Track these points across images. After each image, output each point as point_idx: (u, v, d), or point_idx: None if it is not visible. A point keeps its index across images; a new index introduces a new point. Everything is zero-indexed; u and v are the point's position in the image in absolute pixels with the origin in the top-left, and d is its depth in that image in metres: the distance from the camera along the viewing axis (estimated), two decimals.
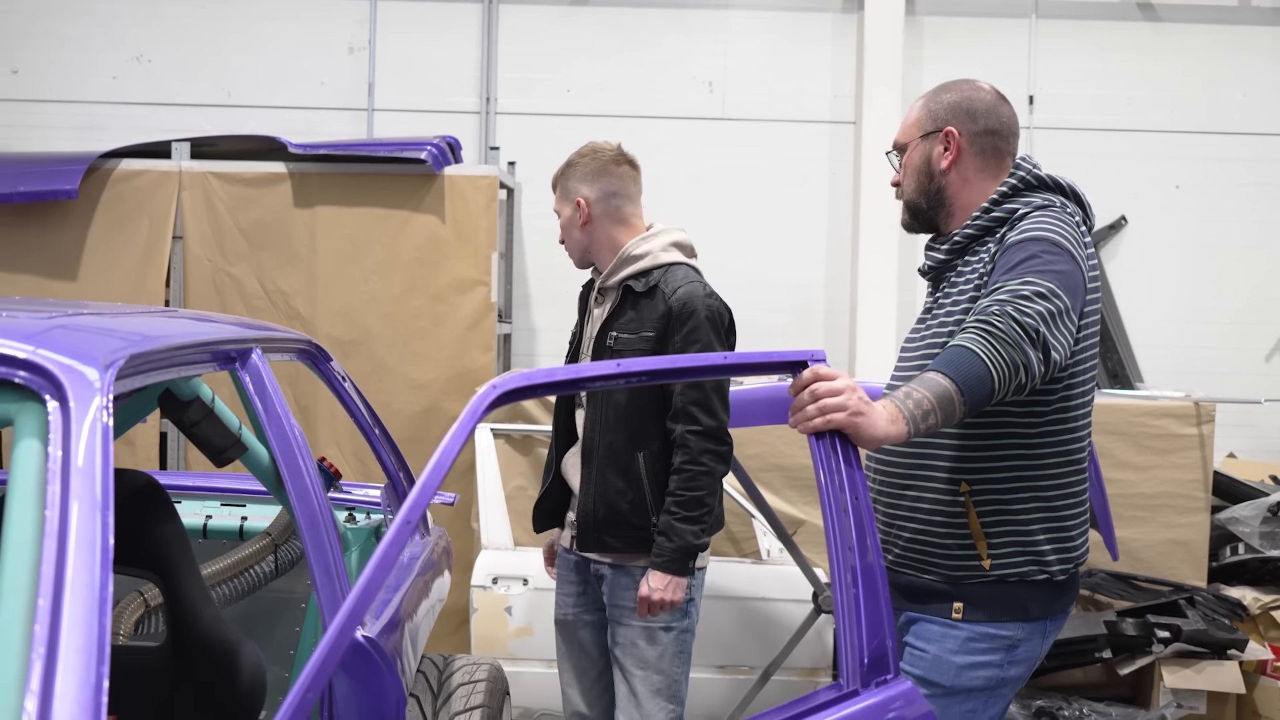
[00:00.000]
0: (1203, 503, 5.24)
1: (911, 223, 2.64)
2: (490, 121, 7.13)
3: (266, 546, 2.78)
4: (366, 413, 2.96)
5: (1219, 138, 7.24)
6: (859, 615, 1.79)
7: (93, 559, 1.25)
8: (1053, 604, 2.46)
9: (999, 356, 2.12)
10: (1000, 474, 2.41)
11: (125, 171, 5.76)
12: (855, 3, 7.15)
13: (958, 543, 2.42)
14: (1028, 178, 2.53)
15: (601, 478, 3.10)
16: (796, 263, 7.15)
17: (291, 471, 2.12)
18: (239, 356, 2.13)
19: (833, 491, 1.88)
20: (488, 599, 4.42)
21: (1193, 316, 7.20)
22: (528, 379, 1.70)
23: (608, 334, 3.12)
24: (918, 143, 2.57)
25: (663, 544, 3.05)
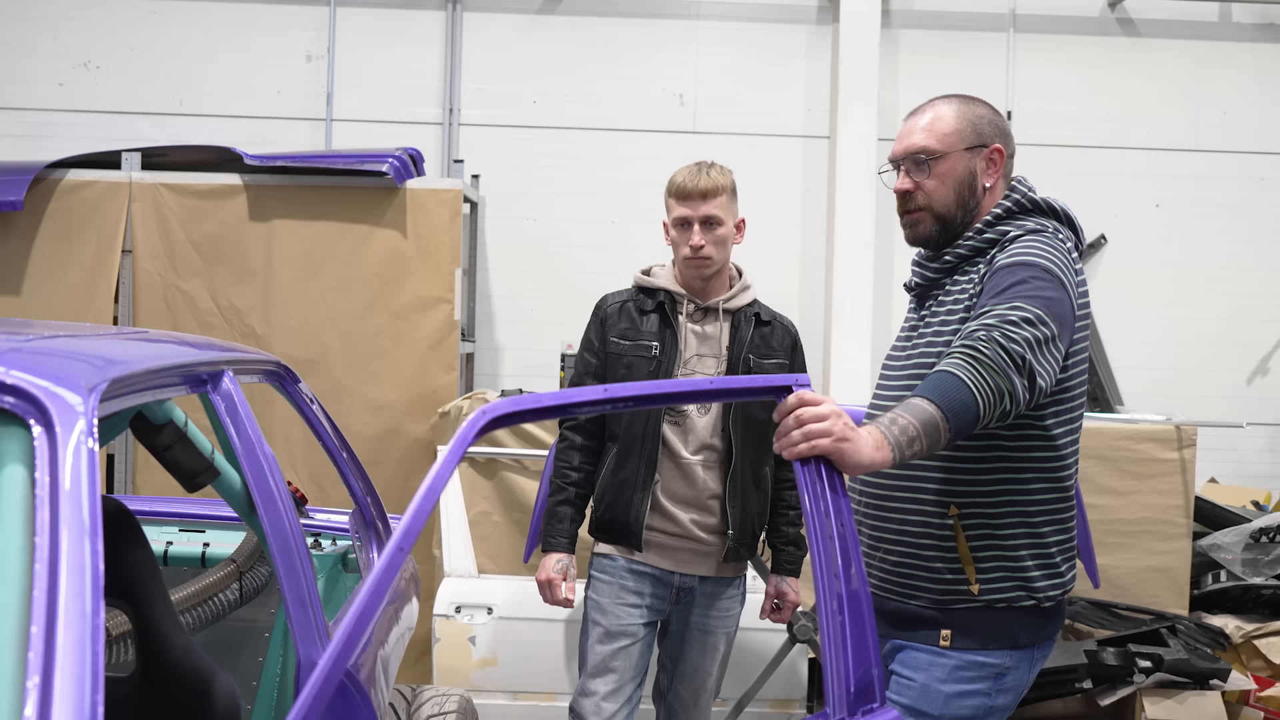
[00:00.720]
0: (1184, 529, 5.32)
1: (935, 234, 2.62)
2: (453, 133, 7.18)
3: (231, 574, 2.81)
4: (335, 436, 2.99)
5: (1199, 155, 7.40)
6: (845, 643, 1.85)
7: (83, 585, 1.29)
8: (1040, 631, 2.52)
9: (984, 383, 2.19)
10: (989, 498, 2.47)
11: (73, 182, 5.76)
12: (830, 15, 7.26)
13: (946, 566, 2.48)
14: (1023, 200, 2.59)
15: (745, 493, 3.39)
16: (769, 281, 7.16)
17: (264, 496, 2.16)
18: (210, 379, 2.17)
19: (818, 518, 1.95)
20: (450, 628, 4.44)
21: (1174, 338, 7.34)
22: (517, 404, 1.75)
23: (743, 357, 3.39)
24: (961, 154, 2.58)
25: (795, 553, 3.58)
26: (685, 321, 3.41)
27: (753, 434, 3.39)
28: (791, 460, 2.08)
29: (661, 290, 3.44)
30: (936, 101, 2.67)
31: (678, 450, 3.37)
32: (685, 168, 3.42)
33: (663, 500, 3.37)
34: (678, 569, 3.42)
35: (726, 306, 3.43)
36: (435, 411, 5.53)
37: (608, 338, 3.44)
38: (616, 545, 3.41)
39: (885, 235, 7.08)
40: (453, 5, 7.17)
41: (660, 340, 3.38)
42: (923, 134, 2.61)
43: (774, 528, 3.57)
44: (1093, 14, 7.43)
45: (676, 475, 3.37)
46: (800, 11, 7.31)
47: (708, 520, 3.39)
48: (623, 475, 3.38)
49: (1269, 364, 7.42)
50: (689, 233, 3.36)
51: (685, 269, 3.41)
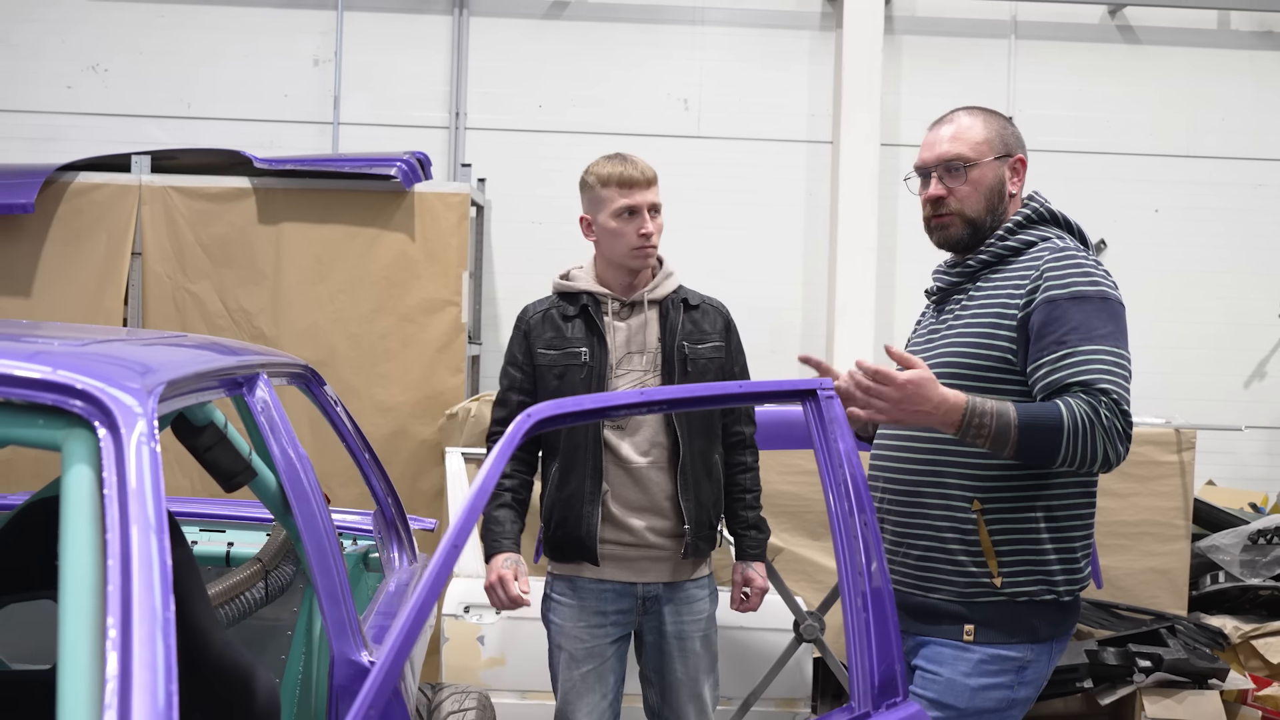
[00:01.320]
0: (1183, 530, 5.39)
1: (965, 239, 2.75)
2: (459, 137, 7.23)
3: (258, 572, 2.87)
4: (359, 439, 3.05)
5: (1198, 161, 7.48)
6: (869, 639, 1.91)
7: (153, 579, 1.35)
8: (1059, 625, 2.62)
9: (1083, 443, 2.42)
10: (1013, 493, 2.58)
11: (83, 185, 5.80)
12: (833, 21, 7.33)
13: (971, 559, 2.58)
14: (1041, 210, 2.75)
15: (698, 485, 3.26)
16: (772, 284, 7.30)
17: (298, 496, 2.22)
18: (246, 382, 2.23)
19: (842, 516, 2.01)
20: (459, 628, 4.48)
21: (1173, 342, 7.41)
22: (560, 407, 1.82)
23: (677, 345, 3.26)
24: (992, 163, 2.72)
25: (757, 537, 3.42)
26: (612, 321, 3.30)
27: (698, 423, 3.28)
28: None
29: (583, 293, 3.32)
30: (959, 112, 2.80)
31: (625, 456, 3.24)
32: (610, 159, 3.31)
33: (615, 510, 3.23)
34: (639, 579, 3.27)
35: (652, 297, 3.32)
36: (443, 413, 5.58)
37: (534, 349, 3.30)
38: (571, 563, 3.26)
39: (888, 240, 7.16)
40: (459, 10, 7.23)
41: (588, 345, 3.26)
42: (954, 142, 2.74)
43: (732, 514, 3.43)
44: (1093, 21, 7.51)
45: (627, 482, 3.24)
46: (803, 18, 7.38)
47: (662, 524, 3.25)
48: (569, 490, 3.23)
49: (1266, 368, 7.50)
50: (639, 221, 3.24)
51: (631, 261, 3.28)
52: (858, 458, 2.22)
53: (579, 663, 3.22)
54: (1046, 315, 2.53)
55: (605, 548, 3.22)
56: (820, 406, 2.17)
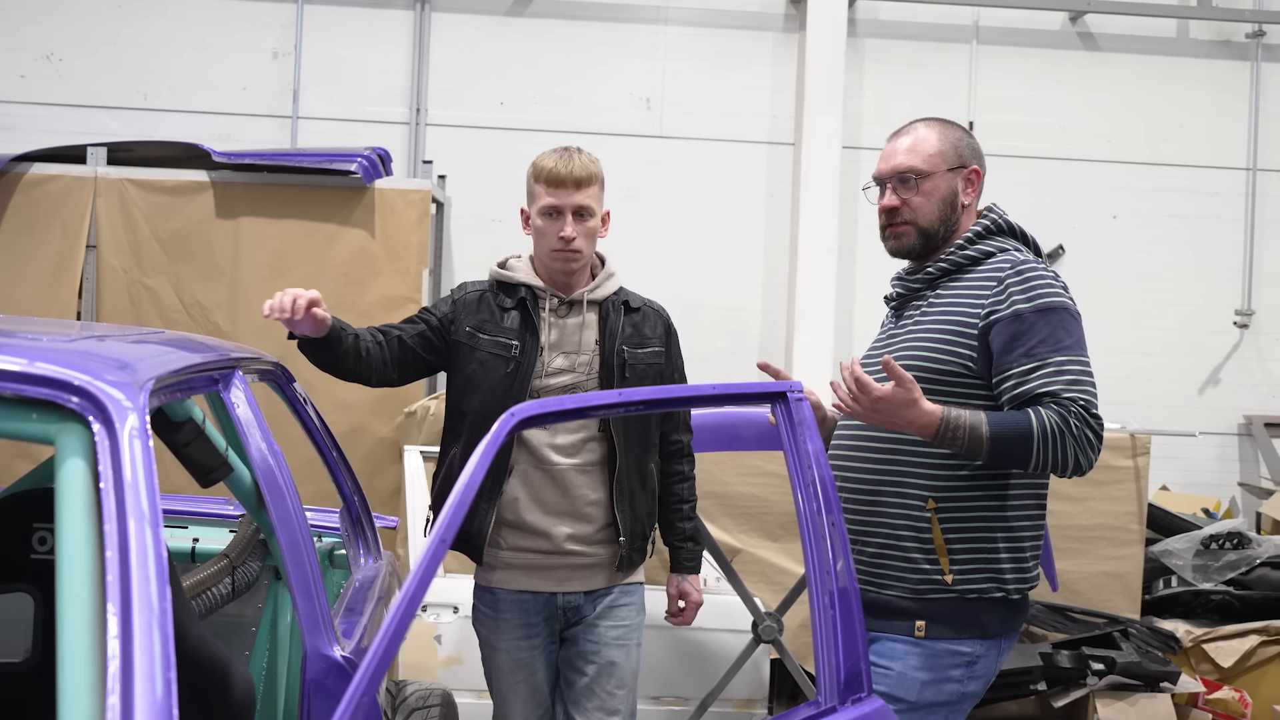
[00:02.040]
0: (1137, 535, 5.49)
1: (918, 248, 2.87)
2: (420, 133, 7.27)
3: (224, 568, 2.91)
4: (326, 435, 3.11)
5: (1156, 169, 7.64)
6: (836, 636, 1.99)
7: (149, 570, 1.41)
8: (1008, 622, 2.75)
9: (1053, 450, 2.56)
10: (965, 492, 2.70)
11: (37, 176, 5.81)
12: (796, 23, 7.43)
13: (923, 556, 2.70)
14: (1000, 222, 2.86)
15: (633, 495, 3.15)
16: (733, 285, 7.38)
17: (273, 492, 2.28)
18: (222, 379, 2.28)
19: (811, 517, 2.09)
20: (416, 626, 4.52)
21: (1129, 348, 7.55)
22: (543, 406, 1.89)
23: (617, 349, 3.15)
24: (945, 174, 2.83)
25: (693, 549, 3.35)
26: (548, 318, 3.16)
27: (635, 430, 3.16)
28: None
29: (521, 285, 3.19)
30: (918, 124, 2.91)
31: (544, 456, 3.10)
32: (552, 152, 3.17)
33: (528, 515, 3.10)
34: (558, 588, 3.15)
35: (591, 298, 3.19)
36: (401, 411, 5.62)
37: (461, 322, 3.16)
38: (460, 557, 3.21)
39: (848, 242, 7.26)
40: (421, 5, 7.27)
41: (520, 339, 3.12)
42: (908, 154, 2.85)
43: (668, 525, 3.33)
44: (1054, 27, 7.65)
45: (546, 483, 3.11)
46: (767, 19, 7.47)
47: (584, 530, 3.13)
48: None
49: (1220, 374, 7.68)
50: (559, 223, 3.10)
51: (550, 262, 3.15)
52: (826, 459, 2.31)
53: (508, 673, 3.17)
54: (1014, 329, 2.64)
55: (519, 556, 3.12)
56: (790, 408, 2.26)
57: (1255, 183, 7.68)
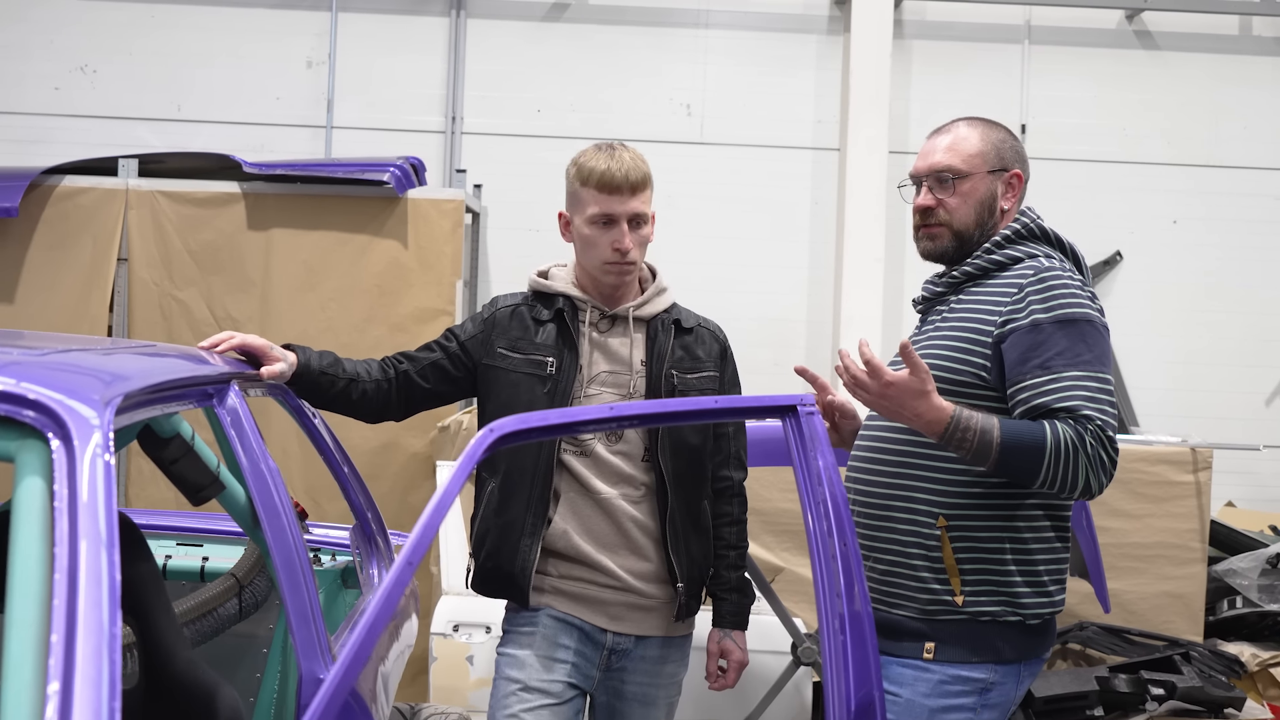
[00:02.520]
0: (1199, 553, 5.38)
1: (952, 252, 2.79)
2: (456, 141, 7.27)
3: (231, 588, 2.89)
4: (336, 450, 3.07)
5: (1218, 171, 7.49)
6: (846, 663, 1.92)
7: (101, 595, 1.37)
8: (1027, 648, 2.64)
9: (1064, 467, 2.46)
10: (977, 510, 2.61)
11: (69, 189, 5.84)
12: (841, 25, 7.36)
13: (933, 575, 2.61)
14: (1031, 226, 2.75)
15: (687, 536, 2.94)
16: (777, 295, 7.31)
17: (268, 511, 2.24)
18: (216, 394, 2.25)
19: (821, 537, 2.02)
20: (448, 647, 4.48)
21: (1190, 358, 7.41)
22: (525, 422, 1.83)
23: (665, 373, 2.94)
24: (985, 176, 2.76)
25: (740, 602, 3.06)
26: (589, 332, 2.94)
27: (684, 462, 2.93)
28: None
29: (560, 296, 2.97)
30: (959, 123, 2.84)
31: (590, 484, 2.89)
32: (597, 151, 2.93)
33: (583, 546, 2.88)
34: (610, 626, 2.90)
35: (638, 314, 2.96)
36: (434, 426, 5.60)
37: (494, 343, 2.95)
38: (504, 598, 2.93)
39: (895, 249, 7.17)
40: (456, 12, 7.27)
41: (557, 356, 2.90)
42: (947, 153, 2.78)
43: (714, 573, 3.05)
44: (1110, 26, 7.52)
45: (596, 514, 2.89)
46: (810, 21, 7.41)
47: (643, 566, 2.91)
48: (507, 517, 2.86)
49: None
50: (614, 233, 2.88)
51: (602, 275, 2.93)
52: (838, 476, 2.23)
53: (526, 695, 2.83)
54: (1031, 339, 2.56)
55: (572, 584, 2.89)
56: (800, 423, 2.18)
57: None
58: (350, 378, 2.91)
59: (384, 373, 2.98)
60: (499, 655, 2.94)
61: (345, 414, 2.96)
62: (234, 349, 2.72)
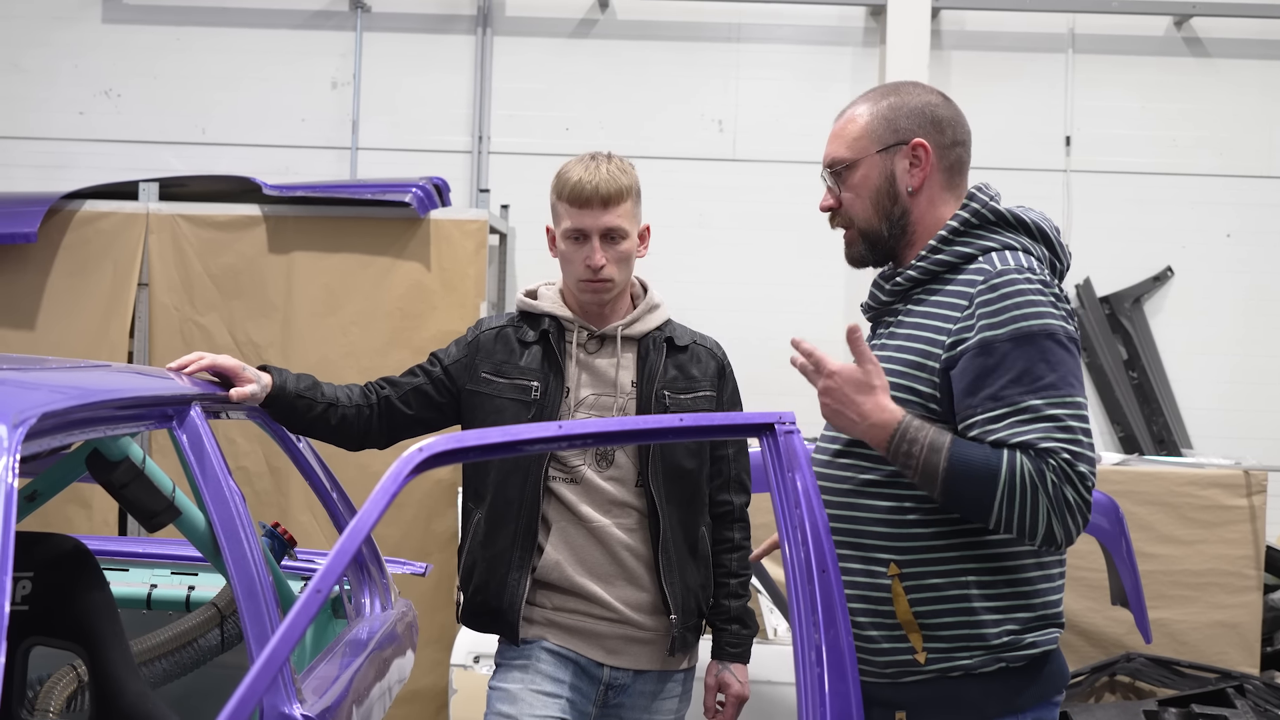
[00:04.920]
0: (1254, 581, 5.27)
1: (866, 254, 2.42)
2: (483, 161, 7.25)
3: (213, 618, 2.82)
4: (323, 474, 3.01)
5: (1274, 182, 7.33)
6: (823, 698, 1.81)
7: None
8: (1024, 695, 2.24)
9: (1021, 506, 2.11)
10: (936, 551, 2.25)
11: (89, 213, 5.85)
12: (876, 37, 7.26)
13: (885, 634, 2.24)
14: (982, 211, 2.33)
15: (682, 564, 2.85)
16: (813, 314, 7.20)
17: (229, 537, 2.17)
18: (176, 415, 2.19)
19: (798, 564, 1.92)
20: (469, 679, 4.42)
21: (1245, 377, 7.23)
22: (459, 441, 1.74)
23: (656, 394, 2.85)
24: (873, 158, 2.35)
25: (741, 633, 2.96)
26: (576, 354, 2.87)
27: (677, 488, 2.84)
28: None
29: (546, 316, 2.89)
30: (858, 99, 2.43)
31: (580, 511, 2.81)
32: (577, 162, 2.88)
33: (577, 577, 2.80)
34: (607, 660, 2.83)
35: (627, 333, 2.88)
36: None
37: (478, 367, 2.88)
38: (493, 633, 2.88)
39: None
40: (483, 30, 7.26)
41: (542, 379, 2.83)
42: (836, 141, 2.40)
43: (714, 603, 2.96)
44: (1158, 33, 7.37)
45: (588, 542, 2.81)
46: (845, 34, 7.32)
47: (639, 597, 2.83)
48: (495, 550, 2.80)
49: None
50: (585, 248, 2.80)
51: (579, 292, 2.86)
52: (819, 498, 2.10)
53: None
54: (981, 364, 2.17)
55: (566, 616, 2.82)
56: (778, 442, 2.07)
57: None
58: (329, 402, 2.83)
59: (365, 398, 2.90)
60: (491, 689, 2.84)
61: (325, 440, 2.88)
62: (204, 369, 2.65)
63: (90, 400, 1.82)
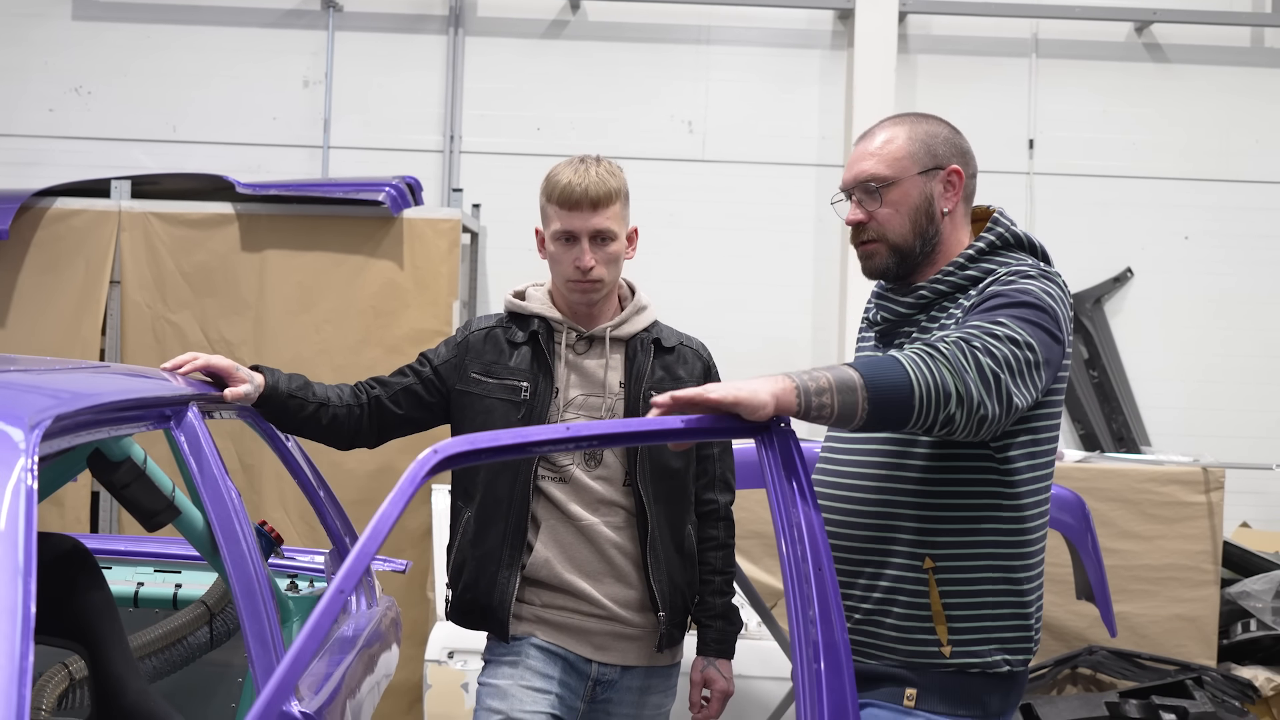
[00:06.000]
0: (1212, 575, 5.32)
1: (892, 267, 2.53)
2: (454, 160, 7.24)
3: (201, 616, 2.83)
4: (311, 473, 3.02)
5: (1230, 186, 7.41)
6: (820, 693, 1.84)
7: (13, 628, 1.31)
8: (1009, 698, 2.45)
9: (928, 375, 2.15)
10: (970, 549, 2.39)
11: (61, 211, 5.83)
12: (844, 40, 7.31)
13: (917, 625, 2.39)
14: (1006, 235, 2.51)
15: (669, 561, 2.88)
16: (780, 313, 7.25)
17: (227, 537, 2.18)
18: (174, 415, 2.19)
19: (795, 562, 1.95)
20: (443, 675, 4.43)
21: (1202, 376, 7.32)
22: (471, 443, 1.76)
23: (644, 394, 2.86)
24: (915, 179, 2.49)
25: (726, 629, 2.99)
26: (565, 354, 2.90)
27: (665, 486, 2.88)
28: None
29: (535, 317, 2.92)
30: (887, 123, 2.59)
31: (569, 510, 2.85)
32: (566, 165, 2.88)
33: (566, 575, 2.84)
34: (595, 656, 2.86)
35: (616, 334, 2.91)
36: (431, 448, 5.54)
37: (468, 367, 2.90)
38: (482, 630, 2.90)
39: None
40: (454, 30, 7.25)
41: (531, 380, 2.85)
42: (873, 159, 2.52)
43: (699, 599, 2.99)
44: (1119, 39, 7.46)
45: (577, 540, 2.85)
46: (814, 37, 7.36)
47: (627, 594, 2.86)
48: (485, 548, 2.82)
49: None
50: (574, 250, 2.82)
51: (568, 293, 2.89)
52: (814, 497, 2.13)
53: None
54: (970, 312, 2.36)
55: (555, 613, 2.85)
56: (774, 442, 2.10)
57: None
58: (320, 402, 2.85)
59: (355, 398, 2.91)
60: (480, 685, 2.88)
61: (315, 439, 2.90)
62: (198, 370, 2.65)
63: (99, 402, 1.83)
